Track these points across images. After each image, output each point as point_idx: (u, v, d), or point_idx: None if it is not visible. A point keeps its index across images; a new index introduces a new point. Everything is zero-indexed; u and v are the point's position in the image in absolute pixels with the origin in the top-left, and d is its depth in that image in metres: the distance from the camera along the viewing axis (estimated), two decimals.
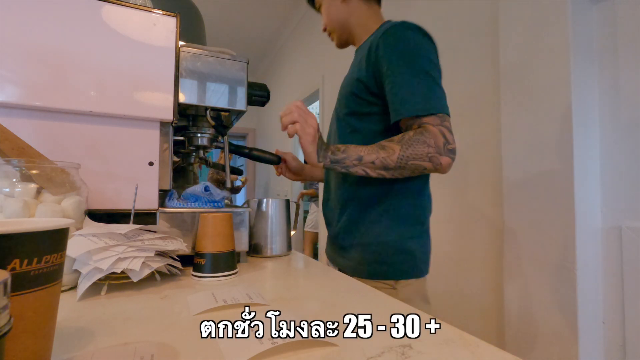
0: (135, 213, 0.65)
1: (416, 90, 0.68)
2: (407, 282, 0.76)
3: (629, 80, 0.94)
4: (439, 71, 0.74)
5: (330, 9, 0.88)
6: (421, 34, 0.74)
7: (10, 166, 0.51)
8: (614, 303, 0.95)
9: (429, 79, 0.70)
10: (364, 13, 0.86)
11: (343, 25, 0.88)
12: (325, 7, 0.89)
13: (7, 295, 0.22)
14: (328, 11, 0.89)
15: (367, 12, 0.87)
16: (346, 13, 0.87)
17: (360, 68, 0.78)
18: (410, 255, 0.77)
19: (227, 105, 0.79)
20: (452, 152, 0.66)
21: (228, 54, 0.78)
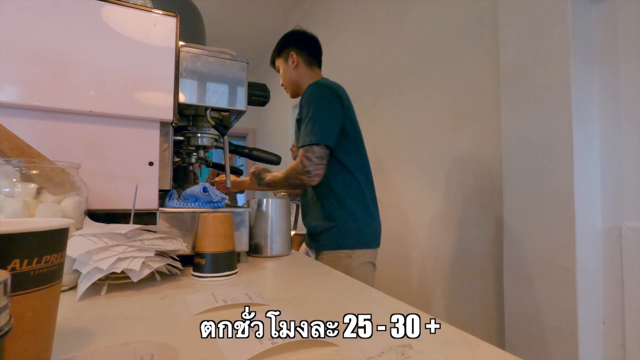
0: (135, 213, 0.65)
1: (305, 129, 1.06)
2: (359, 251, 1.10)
3: (629, 80, 0.94)
4: (333, 108, 1.07)
5: (285, 72, 1.25)
6: (322, 87, 1.09)
7: (10, 166, 0.51)
8: (614, 303, 0.95)
9: (312, 120, 1.04)
10: (307, 75, 1.23)
11: (294, 83, 1.24)
12: (282, 71, 1.25)
13: (7, 295, 0.22)
14: (284, 74, 1.25)
15: (310, 74, 1.23)
16: (296, 76, 1.23)
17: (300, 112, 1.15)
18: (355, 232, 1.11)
19: (227, 105, 0.79)
20: (307, 173, 1.03)
21: (228, 54, 0.78)
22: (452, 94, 1.48)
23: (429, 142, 1.61)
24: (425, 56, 1.65)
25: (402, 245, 1.77)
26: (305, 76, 1.22)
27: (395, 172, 1.85)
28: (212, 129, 0.88)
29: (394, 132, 1.86)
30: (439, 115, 1.55)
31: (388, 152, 1.92)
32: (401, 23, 1.84)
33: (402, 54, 1.82)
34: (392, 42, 1.90)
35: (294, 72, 1.22)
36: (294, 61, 1.21)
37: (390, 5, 1.93)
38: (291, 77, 1.23)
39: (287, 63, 1.22)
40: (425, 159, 1.63)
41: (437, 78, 1.57)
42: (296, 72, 1.22)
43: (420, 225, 1.64)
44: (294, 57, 1.21)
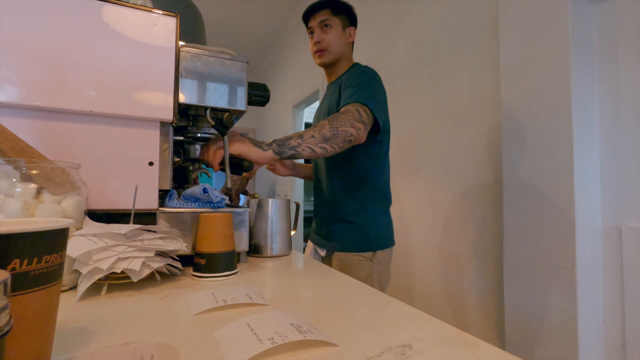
0: (135, 213, 0.65)
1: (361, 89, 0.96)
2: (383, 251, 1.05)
3: (629, 80, 0.94)
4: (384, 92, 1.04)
5: (339, 38, 1.13)
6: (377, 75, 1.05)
7: (10, 166, 0.51)
8: (614, 303, 0.95)
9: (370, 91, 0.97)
10: (349, 55, 1.18)
11: (338, 53, 1.14)
12: (336, 34, 1.12)
13: (7, 295, 0.22)
14: (336, 37, 1.12)
15: (350, 55, 1.18)
16: (345, 49, 1.15)
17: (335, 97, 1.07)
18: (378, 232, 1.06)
19: (227, 105, 0.79)
20: (364, 123, 0.90)
21: (228, 54, 0.78)
22: (452, 94, 1.48)
23: (428, 142, 1.61)
24: (425, 56, 1.65)
25: (402, 245, 1.77)
26: (348, 55, 1.17)
27: (395, 172, 1.85)
28: (212, 128, 0.88)
29: (394, 132, 1.86)
30: (439, 115, 1.55)
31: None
32: (401, 23, 1.84)
33: (402, 54, 1.82)
34: (392, 42, 1.90)
35: (344, 45, 1.14)
36: (350, 36, 1.16)
37: (390, 5, 1.93)
38: (340, 46, 1.13)
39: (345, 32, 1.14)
40: (425, 159, 1.63)
41: (437, 78, 1.57)
42: (346, 46, 1.15)
43: (420, 225, 1.64)
44: (352, 34, 1.16)
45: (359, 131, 0.88)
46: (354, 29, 1.16)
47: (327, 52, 1.12)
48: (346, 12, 1.14)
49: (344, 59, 1.15)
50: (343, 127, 0.86)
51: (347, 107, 0.92)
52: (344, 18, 1.14)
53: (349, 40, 1.15)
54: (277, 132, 4.10)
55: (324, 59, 1.13)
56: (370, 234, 1.04)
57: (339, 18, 1.12)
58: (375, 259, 1.03)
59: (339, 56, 1.13)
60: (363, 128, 0.89)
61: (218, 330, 0.38)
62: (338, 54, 1.13)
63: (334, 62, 1.14)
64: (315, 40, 1.12)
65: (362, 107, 0.92)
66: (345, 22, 1.14)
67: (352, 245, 1.03)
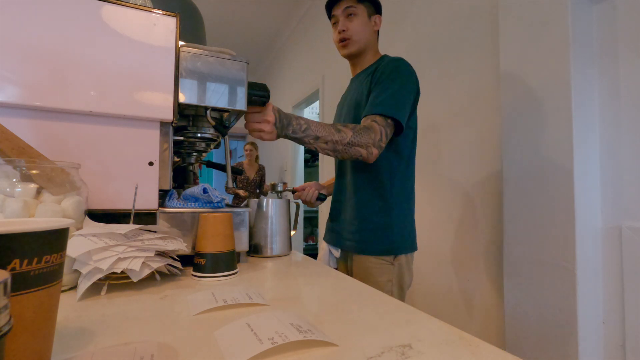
0: (135, 213, 0.65)
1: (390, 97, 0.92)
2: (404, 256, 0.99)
3: (629, 80, 0.94)
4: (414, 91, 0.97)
5: (364, 25, 1.05)
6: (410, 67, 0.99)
7: (10, 166, 0.51)
8: (614, 303, 0.95)
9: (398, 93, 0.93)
10: (375, 43, 1.10)
11: (366, 43, 1.06)
12: (361, 22, 1.05)
13: (7, 295, 0.22)
14: (361, 24, 1.05)
15: (376, 46, 1.11)
16: (370, 37, 1.07)
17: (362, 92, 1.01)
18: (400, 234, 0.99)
19: (227, 105, 0.78)
20: (380, 148, 0.89)
21: (228, 54, 0.78)
22: (452, 94, 1.48)
23: (428, 142, 1.61)
24: (426, 56, 1.65)
25: None
26: (374, 43, 1.10)
27: None
28: (212, 128, 0.88)
29: None
30: (439, 115, 1.55)
31: None
32: (401, 23, 1.84)
33: (402, 54, 1.82)
34: (392, 42, 1.90)
35: (370, 33, 1.07)
36: (376, 24, 1.08)
37: (390, 5, 1.93)
38: (366, 35, 1.06)
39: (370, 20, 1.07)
40: (425, 159, 1.63)
41: (437, 78, 1.57)
42: (372, 35, 1.08)
43: (420, 225, 1.64)
44: (378, 22, 1.09)
45: (370, 155, 0.89)
46: (379, 17, 1.09)
47: (352, 41, 1.04)
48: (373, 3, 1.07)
49: (370, 49, 1.08)
50: (357, 146, 0.87)
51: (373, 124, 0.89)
52: (369, 5, 1.06)
53: (375, 29, 1.08)
54: None
55: (350, 49, 1.05)
56: (394, 236, 0.96)
57: (364, 5, 1.05)
58: (397, 262, 0.96)
59: (364, 46, 1.06)
60: (376, 153, 0.89)
61: (218, 330, 0.38)
62: (364, 43, 1.05)
63: (359, 52, 1.07)
64: (340, 29, 1.04)
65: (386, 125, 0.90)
66: (370, 10, 1.06)
67: (373, 247, 0.96)
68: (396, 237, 0.97)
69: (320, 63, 2.95)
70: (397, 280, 0.97)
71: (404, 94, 0.94)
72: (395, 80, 0.94)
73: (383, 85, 0.94)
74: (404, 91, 0.94)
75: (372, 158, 0.89)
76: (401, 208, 0.99)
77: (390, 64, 0.98)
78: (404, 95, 0.94)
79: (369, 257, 0.96)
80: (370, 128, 0.88)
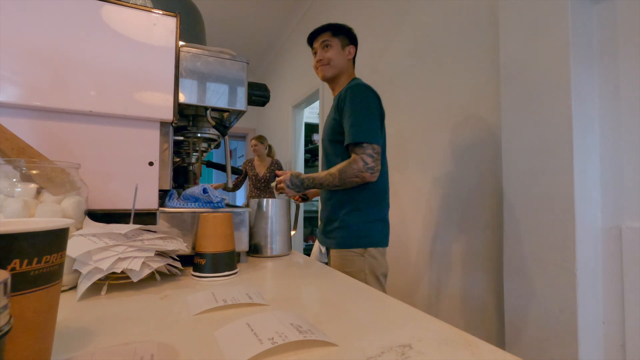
0: (135, 213, 0.65)
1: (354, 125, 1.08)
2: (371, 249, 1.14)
3: (629, 80, 0.94)
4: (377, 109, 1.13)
5: (338, 55, 1.24)
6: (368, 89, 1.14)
7: (10, 166, 0.51)
8: (614, 303, 0.95)
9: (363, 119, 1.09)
10: (350, 70, 1.28)
11: (339, 70, 1.25)
12: (335, 52, 1.24)
13: (7, 295, 0.22)
14: (337, 55, 1.24)
15: (351, 71, 1.29)
16: (345, 65, 1.26)
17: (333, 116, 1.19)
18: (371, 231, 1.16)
19: (227, 105, 0.79)
20: (370, 169, 1.06)
21: (228, 54, 0.78)
22: (452, 94, 1.48)
23: (429, 142, 1.61)
24: (425, 56, 1.65)
25: (402, 245, 1.77)
26: (349, 70, 1.28)
27: (395, 172, 1.85)
28: (212, 129, 0.88)
29: (394, 132, 1.86)
30: (439, 115, 1.55)
31: (388, 152, 1.92)
32: (401, 23, 1.84)
33: (402, 54, 1.82)
34: (392, 42, 1.90)
35: (345, 61, 1.26)
36: (350, 53, 1.27)
37: (390, 5, 1.93)
38: (340, 63, 1.24)
39: (344, 51, 1.25)
40: (425, 159, 1.63)
41: (437, 78, 1.57)
42: (347, 63, 1.26)
43: (420, 225, 1.64)
44: (352, 52, 1.27)
45: (364, 178, 1.07)
46: (353, 47, 1.27)
47: (328, 66, 1.23)
48: (346, 33, 1.25)
49: (345, 74, 1.26)
50: (350, 178, 1.07)
51: (354, 156, 1.08)
52: (344, 38, 1.25)
53: (349, 58, 1.26)
54: (277, 132, 4.10)
55: (325, 73, 1.24)
56: (361, 233, 1.13)
57: (338, 38, 1.24)
58: (367, 254, 1.12)
59: (338, 72, 1.24)
60: (369, 175, 1.07)
61: (218, 330, 0.38)
62: (338, 68, 1.24)
63: (334, 77, 1.25)
64: (317, 58, 1.25)
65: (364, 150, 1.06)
66: (345, 42, 1.25)
67: (345, 243, 1.13)
68: (365, 234, 1.13)
69: None
70: (370, 270, 1.11)
71: (369, 116, 1.10)
72: (357, 107, 1.10)
73: (350, 115, 1.10)
74: (368, 114, 1.10)
75: (372, 178, 1.08)
76: (370, 209, 1.14)
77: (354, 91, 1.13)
78: (369, 118, 1.10)
79: (342, 251, 1.13)
80: (352, 161, 1.08)
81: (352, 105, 1.10)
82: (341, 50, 1.25)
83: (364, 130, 1.07)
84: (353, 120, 1.09)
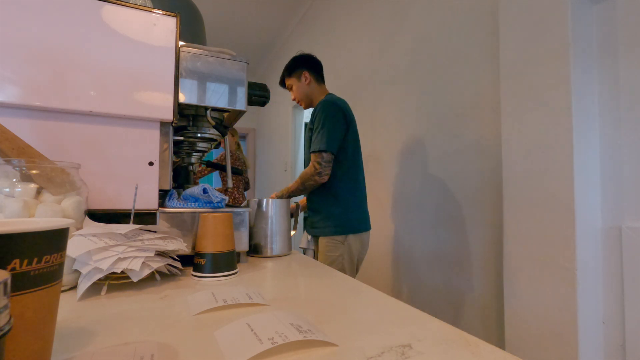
0: (135, 213, 0.65)
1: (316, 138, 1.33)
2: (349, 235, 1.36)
3: (629, 80, 0.94)
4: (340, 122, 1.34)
5: (300, 89, 1.49)
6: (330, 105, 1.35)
7: (10, 166, 0.51)
8: (614, 303, 0.95)
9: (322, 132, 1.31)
10: (317, 90, 1.49)
11: (308, 97, 1.50)
12: (296, 88, 1.50)
13: (7, 295, 0.22)
14: (299, 90, 1.49)
15: (319, 89, 1.50)
16: (309, 91, 1.49)
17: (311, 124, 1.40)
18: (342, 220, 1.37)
19: (227, 105, 0.79)
20: (319, 174, 1.30)
21: (228, 54, 0.78)
22: (452, 94, 1.48)
23: (429, 142, 1.61)
24: (425, 56, 1.65)
25: (402, 245, 1.77)
26: (316, 91, 1.48)
27: (395, 172, 1.85)
28: (212, 128, 0.88)
29: (394, 132, 1.86)
30: (439, 115, 1.55)
31: (388, 152, 1.92)
32: (401, 23, 1.84)
33: (402, 54, 1.82)
34: (392, 42, 1.90)
35: (307, 88, 1.47)
36: (307, 79, 1.46)
37: (390, 5, 1.93)
38: (305, 93, 1.48)
39: (300, 81, 1.47)
40: (425, 159, 1.63)
41: (437, 78, 1.57)
42: (309, 88, 1.48)
43: (421, 225, 1.64)
44: (307, 76, 1.46)
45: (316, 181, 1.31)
46: (307, 72, 1.47)
47: (300, 102, 1.52)
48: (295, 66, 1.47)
49: (314, 97, 1.49)
50: (307, 182, 1.32)
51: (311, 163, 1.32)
52: (296, 70, 1.47)
53: (307, 83, 1.47)
54: (277, 132, 4.10)
55: (303, 106, 1.53)
56: (342, 223, 1.33)
57: (294, 76, 1.48)
58: (347, 241, 1.33)
59: (308, 99, 1.50)
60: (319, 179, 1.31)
61: (218, 330, 0.38)
62: (306, 99, 1.50)
63: (308, 104, 1.52)
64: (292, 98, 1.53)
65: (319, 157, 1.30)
66: (298, 73, 1.47)
67: (327, 231, 1.34)
68: (344, 222, 1.34)
69: None
70: (348, 256, 1.33)
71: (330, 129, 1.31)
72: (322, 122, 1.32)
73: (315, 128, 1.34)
74: (330, 127, 1.31)
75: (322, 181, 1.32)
76: (347, 200, 1.35)
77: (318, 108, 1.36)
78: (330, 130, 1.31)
79: (324, 238, 1.34)
80: (308, 168, 1.33)
81: (318, 119, 1.32)
82: (300, 83, 1.48)
83: (319, 141, 1.30)
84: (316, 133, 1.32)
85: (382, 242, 1.93)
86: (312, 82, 1.47)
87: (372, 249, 2.02)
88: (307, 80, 1.46)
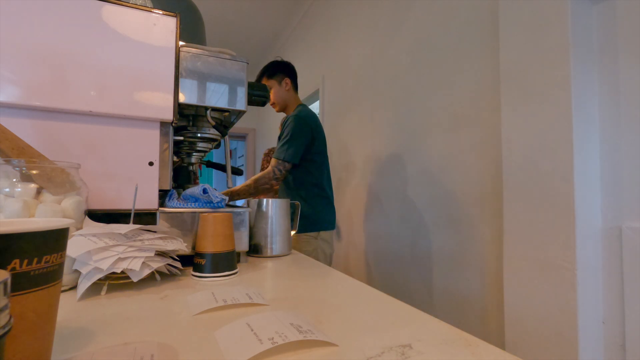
0: (135, 213, 0.65)
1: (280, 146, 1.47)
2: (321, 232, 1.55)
3: (629, 80, 0.94)
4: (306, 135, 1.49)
5: (278, 93, 1.62)
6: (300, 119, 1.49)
7: (10, 166, 0.51)
8: (614, 303, 0.95)
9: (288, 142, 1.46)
10: (293, 97, 1.65)
11: (285, 102, 1.64)
12: (275, 91, 1.61)
13: (7, 295, 0.22)
14: (277, 94, 1.62)
15: (295, 97, 1.66)
16: (287, 97, 1.63)
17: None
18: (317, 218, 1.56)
19: (227, 105, 0.79)
20: (276, 179, 1.46)
21: (228, 54, 0.78)
22: (452, 94, 1.48)
23: (429, 142, 1.61)
24: (425, 56, 1.65)
25: (402, 245, 1.77)
26: (292, 98, 1.63)
27: (395, 172, 1.85)
28: (212, 129, 0.88)
29: (394, 132, 1.86)
30: (439, 115, 1.55)
31: (388, 152, 1.92)
32: (401, 23, 1.83)
33: (402, 54, 1.82)
34: (392, 42, 1.90)
35: (285, 94, 1.61)
36: (287, 85, 1.60)
37: (390, 5, 1.93)
38: (283, 97, 1.61)
39: (281, 85, 1.59)
40: (425, 159, 1.63)
41: (437, 78, 1.57)
42: (287, 94, 1.62)
43: (421, 225, 1.64)
44: (288, 83, 1.60)
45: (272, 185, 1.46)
46: (288, 79, 1.59)
47: (275, 104, 1.63)
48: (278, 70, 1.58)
49: (290, 104, 1.63)
50: (263, 185, 1.45)
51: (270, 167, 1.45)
52: (278, 74, 1.58)
53: (287, 89, 1.60)
54: (277, 132, 4.10)
55: (276, 109, 1.66)
56: (314, 220, 1.50)
57: (274, 79, 1.58)
58: (319, 237, 1.51)
59: (283, 104, 1.63)
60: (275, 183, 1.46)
61: (218, 330, 0.38)
62: (282, 103, 1.63)
63: (282, 109, 1.65)
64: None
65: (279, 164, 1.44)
66: (280, 78, 1.58)
67: (302, 228, 1.49)
68: (314, 221, 1.50)
69: (320, 63, 2.95)
70: (321, 250, 1.51)
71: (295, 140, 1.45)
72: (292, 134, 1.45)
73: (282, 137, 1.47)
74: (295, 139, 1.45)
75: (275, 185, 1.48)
76: (316, 202, 1.53)
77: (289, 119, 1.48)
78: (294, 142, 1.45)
79: (300, 235, 1.49)
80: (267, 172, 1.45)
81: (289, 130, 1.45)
82: (279, 87, 1.59)
83: (283, 151, 1.44)
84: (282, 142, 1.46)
85: (382, 242, 1.93)
86: (291, 90, 1.62)
87: (373, 248, 2.03)
88: (287, 87, 1.60)
